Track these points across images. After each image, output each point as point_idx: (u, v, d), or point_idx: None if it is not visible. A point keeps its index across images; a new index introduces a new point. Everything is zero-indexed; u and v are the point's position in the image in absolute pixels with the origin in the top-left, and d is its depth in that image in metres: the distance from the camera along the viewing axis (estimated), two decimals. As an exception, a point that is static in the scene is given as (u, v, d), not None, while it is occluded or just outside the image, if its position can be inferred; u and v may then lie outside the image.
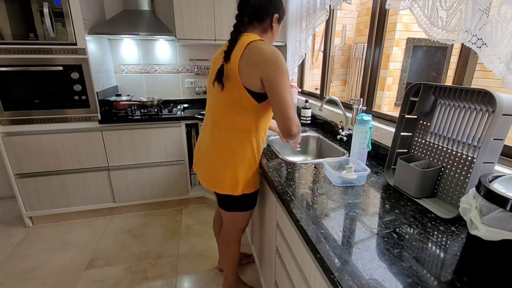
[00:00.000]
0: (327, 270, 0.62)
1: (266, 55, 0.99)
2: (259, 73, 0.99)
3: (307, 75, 2.50)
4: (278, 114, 1.02)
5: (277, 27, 1.14)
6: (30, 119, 1.95)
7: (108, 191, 2.25)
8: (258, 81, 1.00)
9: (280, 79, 0.99)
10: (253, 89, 1.02)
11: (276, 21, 1.12)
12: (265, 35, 1.12)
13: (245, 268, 1.77)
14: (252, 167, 1.17)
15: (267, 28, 1.11)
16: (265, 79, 0.99)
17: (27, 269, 1.76)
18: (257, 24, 1.10)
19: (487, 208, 0.56)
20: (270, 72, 0.98)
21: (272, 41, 1.17)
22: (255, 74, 0.99)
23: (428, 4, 0.91)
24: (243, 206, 1.25)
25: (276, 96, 1.00)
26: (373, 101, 1.50)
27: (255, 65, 0.99)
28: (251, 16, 1.08)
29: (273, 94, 1.00)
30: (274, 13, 1.09)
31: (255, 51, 0.99)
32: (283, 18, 1.16)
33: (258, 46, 1.00)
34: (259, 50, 0.99)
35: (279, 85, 0.99)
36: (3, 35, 1.77)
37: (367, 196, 0.96)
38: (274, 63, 0.98)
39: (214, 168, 1.17)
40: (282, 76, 0.99)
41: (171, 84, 2.73)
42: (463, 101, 0.84)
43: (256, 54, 0.99)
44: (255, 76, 1.00)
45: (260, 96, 1.04)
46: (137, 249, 1.94)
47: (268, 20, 1.09)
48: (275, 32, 1.15)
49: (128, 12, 2.23)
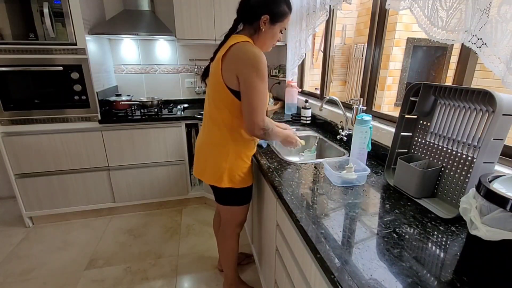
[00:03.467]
0: (327, 270, 0.62)
1: (245, 55, 1.01)
2: (235, 71, 1.03)
3: (307, 75, 2.50)
4: (244, 115, 1.07)
5: (269, 29, 1.09)
6: (30, 119, 1.95)
7: (108, 191, 2.25)
8: (235, 79, 1.04)
9: (254, 79, 1.01)
10: (233, 87, 1.06)
11: (267, 22, 1.08)
12: (255, 36, 1.11)
13: (245, 268, 1.77)
14: (239, 163, 1.20)
15: (256, 29, 1.10)
16: (240, 78, 1.03)
17: (27, 269, 1.76)
18: (247, 25, 1.12)
19: (487, 208, 0.56)
20: (246, 72, 1.01)
21: (264, 42, 1.13)
22: (233, 72, 1.03)
23: (428, 4, 0.91)
24: (237, 200, 1.29)
25: (246, 96, 1.04)
26: (373, 101, 1.50)
27: (234, 64, 1.03)
28: (242, 18, 1.12)
29: (244, 94, 1.04)
30: (262, 14, 1.06)
31: (236, 51, 1.03)
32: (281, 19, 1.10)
33: (240, 47, 1.03)
34: (240, 50, 1.03)
35: (252, 84, 1.01)
36: (3, 35, 1.77)
37: (367, 196, 0.96)
38: (252, 64, 1.00)
39: (200, 157, 1.26)
40: (256, 77, 1.01)
41: (171, 84, 2.73)
42: (463, 101, 0.84)
43: (237, 54, 1.03)
44: (233, 74, 1.03)
45: (239, 94, 1.07)
46: (137, 249, 1.94)
47: (257, 21, 1.08)
48: (266, 34, 1.10)
49: (128, 12, 2.23)
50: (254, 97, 1.02)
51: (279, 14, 1.09)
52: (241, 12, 1.12)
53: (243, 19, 1.12)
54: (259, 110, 1.04)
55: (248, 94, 1.03)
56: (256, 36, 1.11)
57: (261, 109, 1.04)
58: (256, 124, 1.05)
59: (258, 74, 1.01)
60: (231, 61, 1.03)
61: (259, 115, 1.04)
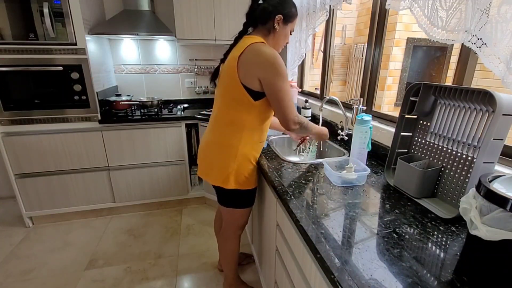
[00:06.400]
0: (327, 270, 0.62)
1: (265, 57, 1.03)
2: (258, 74, 1.04)
3: (307, 75, 2.50)
4: (278, 114, 1.12)
5: (282, 28, 1.14)
6: (30, 119, 1.95)
7: (108, 191, 2.25)
8: (256, 81, 1.06)
9: (278, 81, 1.04)
10: (251, 87, 1.07)
11: (280, 22, 1.12)
12: (269, 36, 1.14)
13: (245, 268, 1.77)
14: (246, 164, 1.19)
15: (270, 29, 1.13)
16: (264, 81, 1.05)
17: (27, 269, 1.76)
18: (261, 26, 1.14)
19: (487, 208, 0.56)
20: (269, 75, 1.04)
21: (277, 42, 1.17)
22: (254, 74, 1.05)
23: (428, 4, 0.91)
24: (240, 203, 1.28)
25: (275, 98, 1.08)
26: (373, 101, 1.50)
27: (254, 66, 1.04)
28: (253, 21, 1.14)
29: (272, 96, 1.08)
30: (276, 14, 1.10)
31: (254, 53, 1.04)
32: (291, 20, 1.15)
33: (258, 48, 1.04)
34: (258, 52, 1.04)
35: (277, 87, 1.05)
36: (3, 35, 1.77)
37: (367, 196, 0.96)
38: (272, 66, 1.03)
39: (206, 157, 1.25)
40: (280, 80, 1.05)
41: (171, 84, 2.73)
42: (463, 101, 0.84)
43: (255, 55, 1.04)
44: (254, 76, 1.05)
45: (257, 94, 1.08)
46: (137, 249, 1.94)
47: (271, 21, 1.11)
48: (279, 33, 1.14)
49: (128, 12, 2.23)
50: (282, 97, 1.07)
51: (290, 14, 1.14)
52: (253, 15, 1.14)
53: (255, 21, 1.14)
54: (290, 107, 1.09)
55: (276, 96, 1.06)
56: (270, 36, 1.14)
57: (291, 106, 1.09)
58: (291, 120, 1.10)
59: (280, 76, 1.04)
60: (251, 62, 1.04)
61: (291, 111, 1.10)
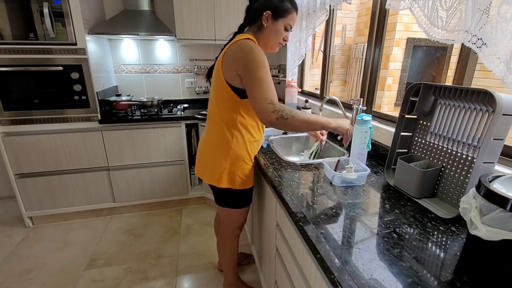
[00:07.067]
0: (327, 270, 0.62)
1: (242, 50, 1.01)
2: (236, 68, 1.03)
3: (307, 75, 2.50)
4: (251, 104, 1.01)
5: (272, 24, 1.10)
6: (30, 119, 1.95)
7: (108, 191, 2.25)
8: (237, 77, 1.04)
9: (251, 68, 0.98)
10: (234, 84, 1.06)
11: (269, 18, 1.09)
12: (258, 33, 1.13)
13: (245, 268, 1.77)
14: (239, 163, 1.19)
15: (259, 26, 1.12)
16: (240, 73, 1.02)
17: (27, 269, 1.76)
18: (252, 24, 1.14)
19: (487, 208, 0.56)
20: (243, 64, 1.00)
21: (268, 39, 1.13)
22: (233, 70, 1.04)
23: (428, 4, 0.90)
24: (236, 202, 1.28)
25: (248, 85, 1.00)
26: (373, 101, 1.50)
27: (232, 61, 1.04)
28: (247, 21, 1.15)
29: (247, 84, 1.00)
30: (264, 11, 1.08)
31: (235, 49, 1.04)
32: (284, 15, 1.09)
33: (239, 43, 1.03)
34: (238, 47, 1.03)
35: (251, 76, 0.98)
36: (3, 35, 1.77)
37: (367, 196, 0.96)
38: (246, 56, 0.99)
39: (202, 157, 1.27)
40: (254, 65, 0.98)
41: (171, 84, 2.73)
42: (463, 101, 0.84)
43: (235, 51, 1.04)
44: (233, 71, 1.04)
45: (242, 92, 1.07)
46: (137, 249, 1.94)
47: (259, 18, 1.10)
48: (270, 30, 1.11)
49: (128, 12, 2.23)
50: (254, 84, 0.98)
51: (280, 9, 1.09)
52: (246, 15, 1.15)
53: (248, 20, 1.14)
54: (263, 94, 0.97)
55: (249, 83, 1.00)
56: (259, 33, 1.12)
57: (265, 93, 0.97)
58: (264, 110, 0.98)
59: (254, 62, 0.98)
60: (230, 57, 1.04)
61: (263, 98, 0.97)
